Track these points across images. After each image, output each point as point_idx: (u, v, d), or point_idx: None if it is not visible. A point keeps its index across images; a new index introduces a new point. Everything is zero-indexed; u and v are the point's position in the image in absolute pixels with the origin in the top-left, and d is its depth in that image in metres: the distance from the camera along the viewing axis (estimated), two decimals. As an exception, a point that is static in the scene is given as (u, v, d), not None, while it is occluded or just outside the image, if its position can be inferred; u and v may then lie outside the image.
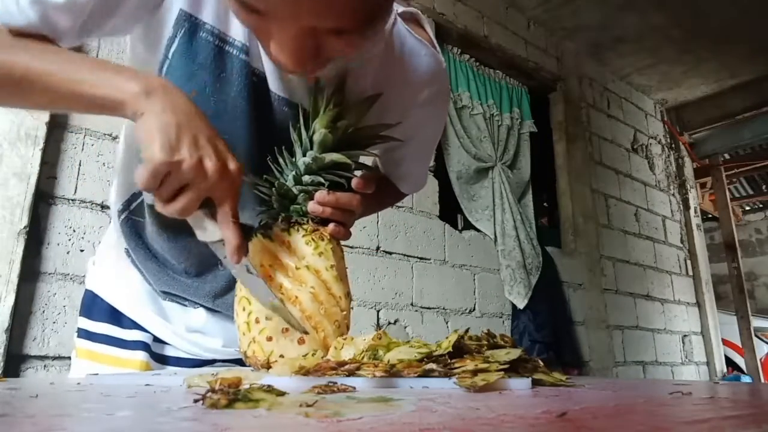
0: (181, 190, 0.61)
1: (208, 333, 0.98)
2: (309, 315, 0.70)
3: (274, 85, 0.79)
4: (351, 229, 0.80)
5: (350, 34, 0.58)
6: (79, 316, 0.99)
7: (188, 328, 0.97)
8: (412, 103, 0.88)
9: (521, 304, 3.21)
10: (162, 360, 0.96)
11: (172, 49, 0.73)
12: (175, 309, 0.97)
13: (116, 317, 0.95)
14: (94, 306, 0.97)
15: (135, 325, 0.95)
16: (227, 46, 0.74)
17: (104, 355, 0.93)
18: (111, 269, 0.98)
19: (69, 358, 1.13)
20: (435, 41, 0.89)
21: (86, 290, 1.01)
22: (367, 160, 0.90)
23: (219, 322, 0.98)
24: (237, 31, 0.75)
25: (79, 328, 0.98)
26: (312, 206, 0.75)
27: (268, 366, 0.68)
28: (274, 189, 0.77)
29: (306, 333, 0.69)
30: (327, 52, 0.61)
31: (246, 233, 0.68)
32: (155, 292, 0.96)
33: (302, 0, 0.53)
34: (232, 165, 0.63)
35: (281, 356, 0.68)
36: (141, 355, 0.92)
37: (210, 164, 0.61)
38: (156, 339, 0.96)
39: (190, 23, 0.72)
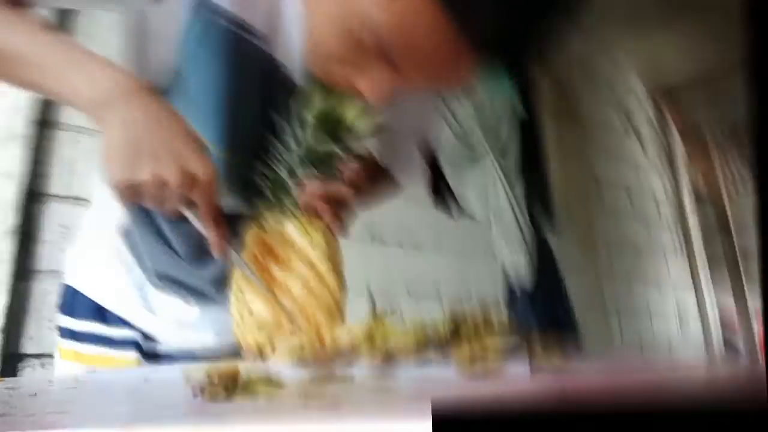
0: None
1: (202, 328, 0.94)
2: (302, 305, 0.70)
3: (298, 75, 0.75)
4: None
5: None
6: (60, 314, 0.93)
7: (180, 323, 0.93)
8: None
9: (527, 286, 3.21)
10: (154, 358, 0.91)
11: (185, 34, 0.69)
12: (165, 304, 0.92)
13: (101, 314, 0.89)
14: (76, 303, 0.91)
15: (122, 322, 0.89)
16: (246, 34, 0.70)
17: (92, 356, 0.88)
18: (93, 260, 0.91)
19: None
20: None
21: (65, 285, 0.94)
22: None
23: (213, 317, 0.94)
24: (257, 19, 0.70)
25: (61, 328, 0.92)
26: (300, 196, 0.75)
27: (263, 356, 0.68)
28: (268, 178, 0.77)
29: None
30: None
31: (237, 225, 0.68)
32: (146, 283, 0.90)
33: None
34: (199, 171, 0.60)
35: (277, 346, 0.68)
36: (132, 355, 0.88)
37: (172, 179, 0.59)
38: (146, 336, 0.91)
39: (206, 8, 0.68)
